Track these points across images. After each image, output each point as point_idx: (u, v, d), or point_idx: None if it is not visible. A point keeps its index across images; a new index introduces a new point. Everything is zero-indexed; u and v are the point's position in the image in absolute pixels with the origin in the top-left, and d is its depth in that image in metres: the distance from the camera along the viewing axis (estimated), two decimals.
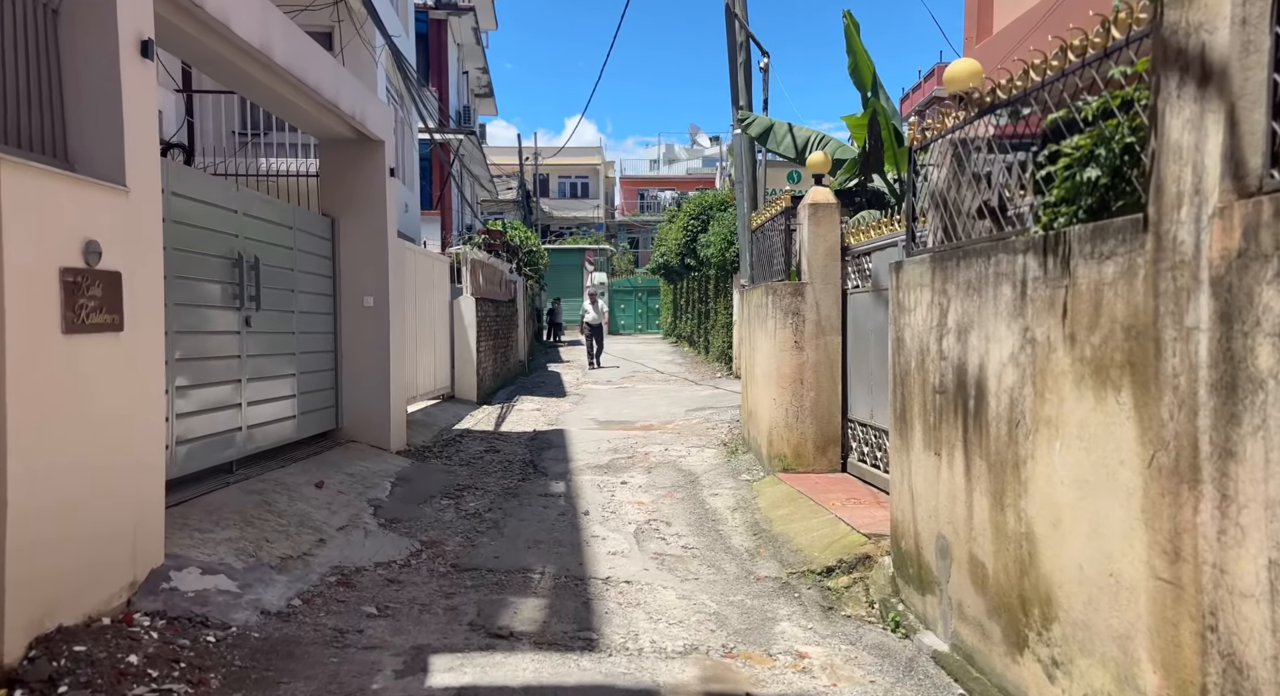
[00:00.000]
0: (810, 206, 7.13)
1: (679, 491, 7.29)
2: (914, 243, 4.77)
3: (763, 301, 7.77)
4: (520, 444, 9.60)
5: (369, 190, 8.22)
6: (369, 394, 8.26)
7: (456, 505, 6.78)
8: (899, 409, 4.62)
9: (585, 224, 45.80)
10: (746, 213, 9.09)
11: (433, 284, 11.81)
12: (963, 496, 3.85)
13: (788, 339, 7.20)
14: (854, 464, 6.99)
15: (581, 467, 8.31)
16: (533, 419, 11.57)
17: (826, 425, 7.16)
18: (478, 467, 8.21)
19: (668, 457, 8.66)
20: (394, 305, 8.46)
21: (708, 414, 11.26)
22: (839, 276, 7.16)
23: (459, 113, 22.82)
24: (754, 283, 9.06)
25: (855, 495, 6.27)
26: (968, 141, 4.41)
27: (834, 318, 7.15)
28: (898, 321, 4.65)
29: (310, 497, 6.04)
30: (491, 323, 14.46)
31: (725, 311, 16.57)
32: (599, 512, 6.64)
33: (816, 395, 7.15)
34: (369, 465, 7.47)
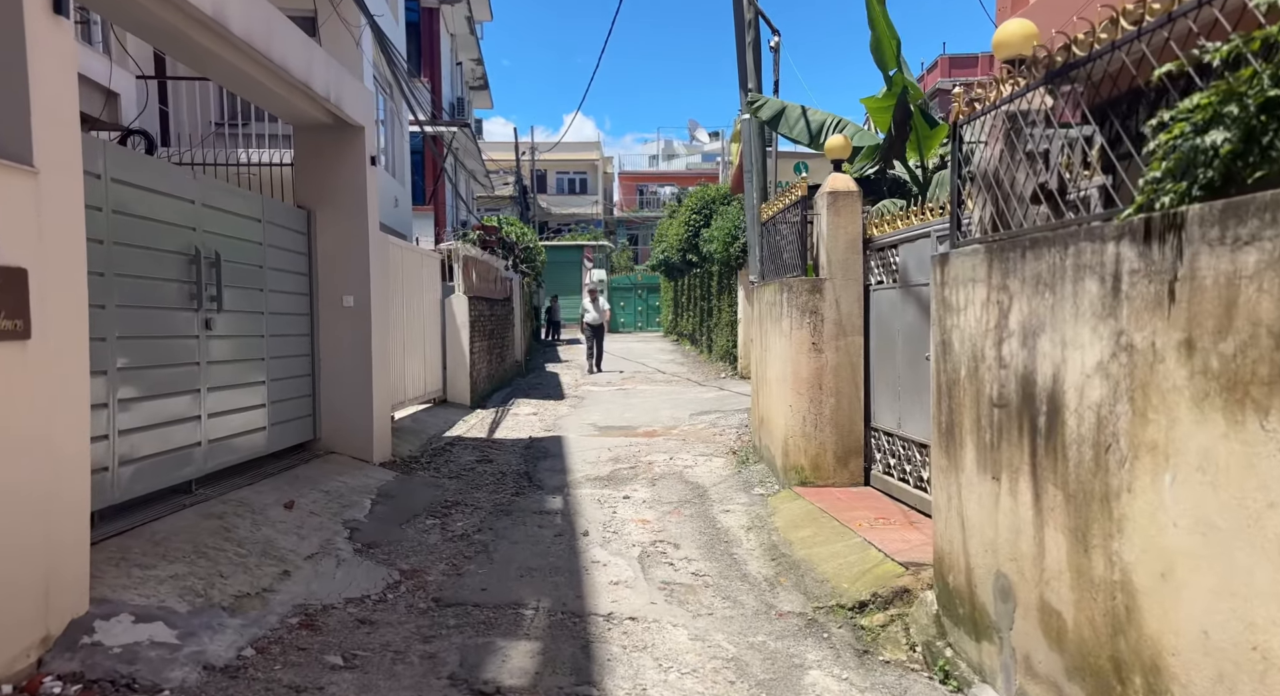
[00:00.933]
0: (829, 195, 6.51)
1: (686, 507, 6.68)
2: (960, 232, 4.15)
3: (776, 299, 7.16)
4: (515, 453, 8.99)
5: (348, 180, 7.60)
6: (349, 401, 7.65)
7: (443, 525, 6.16)
8: (944, 423, 4.01)
9: (584, 220, 45.15)
10: (756, 204, 8.48)
11: (422, 282, 11.19)
12: (1030, 530, 3.24)
13: (805, 340, 6.59)
14: (878, 477, 6.38)
15: (580, 479, 7.70)
16: (529, 424, 10.95)
17: (848, 434, 6.55)
18: (468, 480, 7.60)
19: (673, 468, 8.05)
20: (377, 305, 7.84)
21: (713, 418, 10.65)
22: (860, 271, 6.54)
23: (452, 105, 22.18)
24: (764, 279, 8.44)
25: (883, 513, 5.66)
26: (1024, 114, 3.80)
27: (855, 316, 6.54)
28: (942, 322, 4.04)
29: (277, 520, 5.43)
30: (486, 322, 13.85)
31: (729, 309, 15.95)
32: (600, 533, 6.03)
33: (836, 401, 6.54)
34: (348, 480, 6.86)
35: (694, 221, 18.56)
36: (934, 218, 5.39)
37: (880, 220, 6.35)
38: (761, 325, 7.93)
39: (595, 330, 18.15)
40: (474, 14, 23.35)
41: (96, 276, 4.43)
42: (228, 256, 5.90)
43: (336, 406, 7.64)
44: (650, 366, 18.81)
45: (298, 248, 7.29)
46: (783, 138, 8.00)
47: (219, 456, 5.82)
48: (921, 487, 5.63)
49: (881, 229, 6.29)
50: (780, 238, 7.73)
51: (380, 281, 8.02)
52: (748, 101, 8.21)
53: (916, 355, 5.64)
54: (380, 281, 8.02)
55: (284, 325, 6.98)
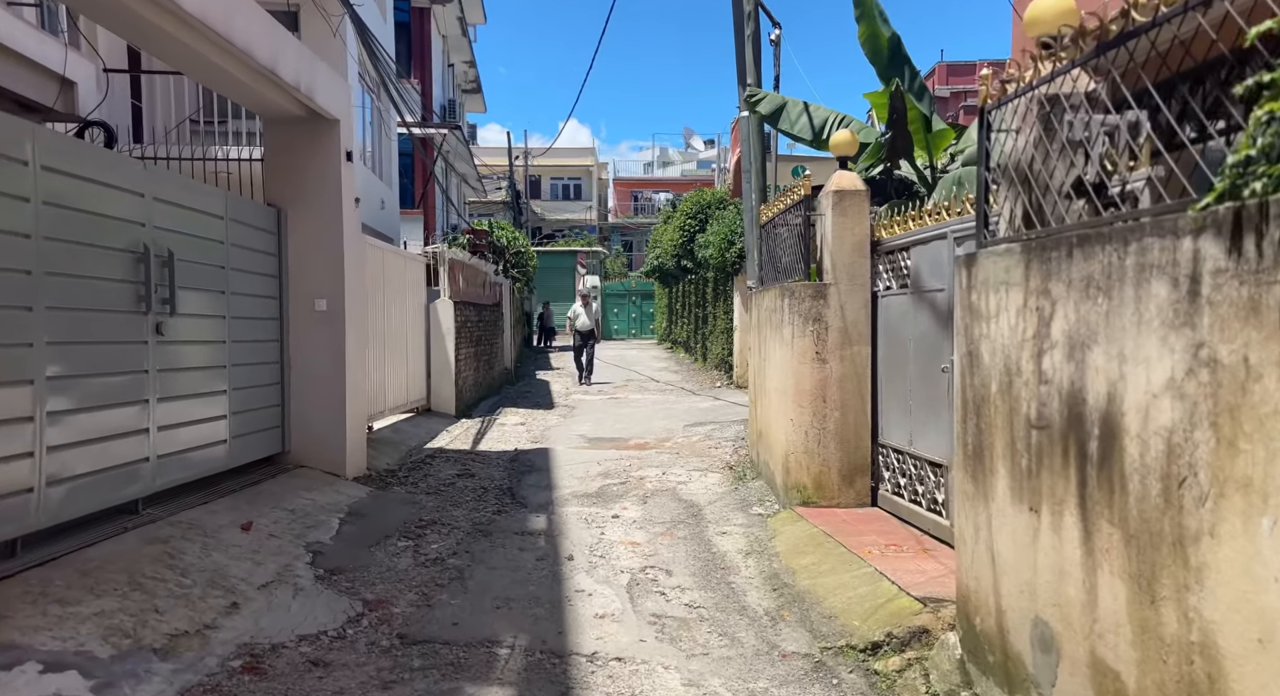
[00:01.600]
0: (835, 194, 6.08)
1: (680, 528, 6.22)
2: (986, 230, 3.71)
3: (777, 305, 6.72)
4: (499, 466, 8.51)
5: (322, 177, 7.15)
6: (321, 411, 7.17)
7: (416, 547, 5.69)
8: (971, 445, 3.56)
9: (578, 226, 44.74)
10: (754, 205, 8.05)
11: (405, 286, 10.73)
12: (1079, 574, 2.79)
13: (807, 349, 6.15)
14: (886, 498, 5.93)
15: (567, 496, 7.23)
16: (515, 435, 10.48)
17: (853, 451, 6.10)
18: (447, 497, 7.12)
19: (665, 484, 7.59)
20: (353, 309, 7.38)
21: (709, 429, 10.20)
22: (868, 276, 6.11)
23: (443, 107, 21.76)
24: (763, 284, 8.01)
25: (894, 539, 5.21)
26: (1063, 97, 3.37)
27: (862, 324, 6.10)
28: (969, 331, 3.59)
29: (231, 544, 4.95)
30: (473, 328, 13.38)
31: (725, 316, 15.51)
32: (586, 557, 5.56)
33: (842, 415, 6.09)
34: (316, 497, 6.38)
35: (689, 226, 18.13)
36: (951, 217, 4.96)
37: (889, 221, 5.92)
38: (760, 333, 7.49)
39: (585, 337, 16.63)
40: (466, 15, 22.95)
41: (21, 275, 3.96)
42: (183, 255, 5.43)
43: (307, 417, 7.17)
44: (643, 374, 18.35)
45: (266, 248, 6.83)
46: (783, 135, 7.58)
47: (170, 473, 5.34)
48: (936, 511, 5.19)
49: (891, 231, 5.86)
50: (780, 241, 7.30)
51: (356, 284, 7.56)
52: (746, 97, 7.79)
53: (931, 366, 5.20)
54: (356, 284, 7.56)
55: (250, 330, 6.51)
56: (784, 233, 7.20)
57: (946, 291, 4.99)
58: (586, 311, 16.60)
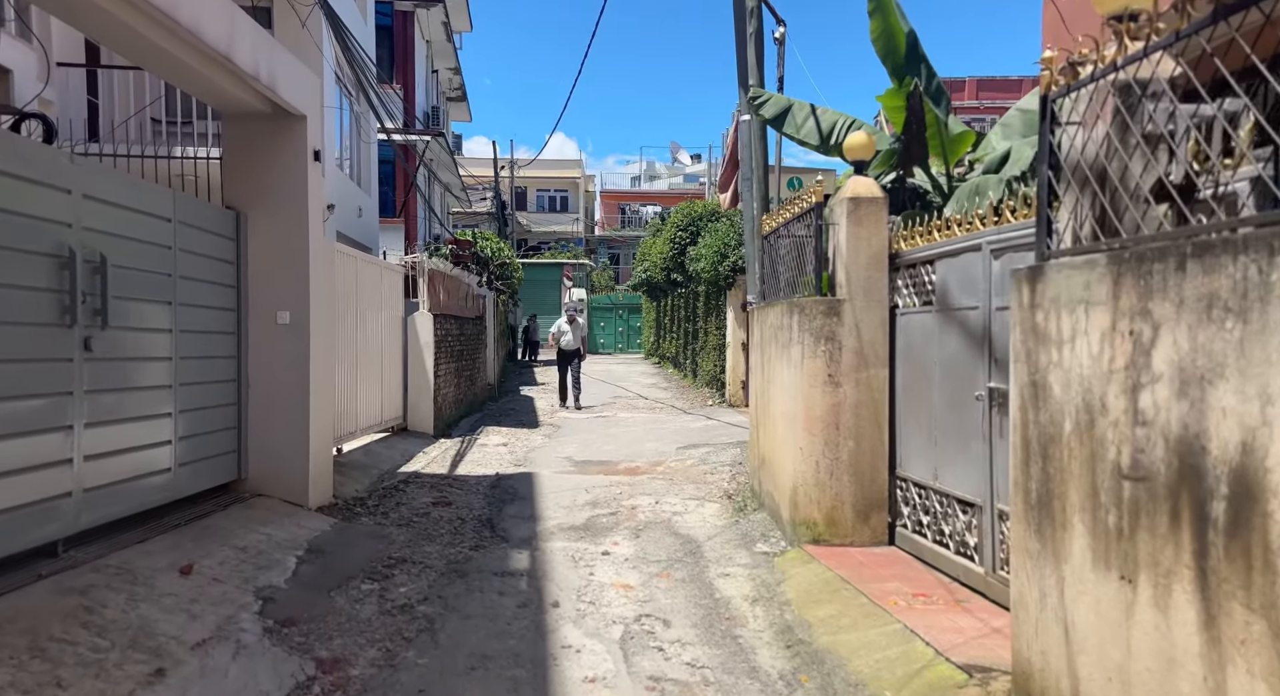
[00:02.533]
0: (849, 202, 5.54)
1: (677, 568, 5.61)
2: (1049, 238, 3.17)
3: (784, 323, 6.16)
4: (478, 493, 7.88)
5: (286, 178, 6.54)
6: (283, 434, 6.54)
7: (382, 591, 5.06)
8: (1036, 492, 3.00)
9: (564, 238, 44.20)
10: (755, 215, 7.52)
11: (382, 298, 10.11)
12: (1198, 666, 2.23)
13: (819, 371, 5.58)
14: (906, 537, 5.36)
15: (552, 529, 6.61)
16: (497, 457, 9.85)
17: (869, 484, 5.53)
18: (419, 529, 6.49)
19: (659, 515, 6.99)
20: (319, 321, 6.76)
21: (703, 453, 9.61)
22: (885, 292, 5.56)
23: (427, 114, 21.19)
24: (765, 299, 7.45)
25: (920, 586, 4.63)
26: (1140, 84, 2.85)
27: (879, 344, 5.55)
28: (1032, 358, 3.04)
29: (166, 592, 4.31)
30: (454, 342, 12.76)
31: (717, 332, 14.96)
32: (573, 603, 4.95)
33: (856, 445, 5.53)
34: (272, 531, 5.73)
35: (680, 239, 17.60)
36: (987, 226, 4.42)
37: (909, 232, 5.38)
38: (764, 352, 6.93)
39: (569, 357, 14.80)
40: (452, 22, 22.43)
41: None
42: (120, 261, 4.80)
43: (267, 440, 6.53)
44: (631, 391, 17.76)
45: (222, 255, 6.20)
46: (789, 140, 7.07)
47: (100, 508, 4.69)
48: (966, 555, 4.62)
49: (912, 242, 5.32)
50: (785, 253, 6.75)
51: (324, 295, 6.94)
52: (749, 99, 7.27)
53: (962, 393, 4.65)
54: (324, 295, 6.94)
55: (201, 345, 5.88)
56: (789, 245, 6.66)
57: (981, 309, 4.45)
58: (573, 329, 14.79)
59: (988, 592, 4.33)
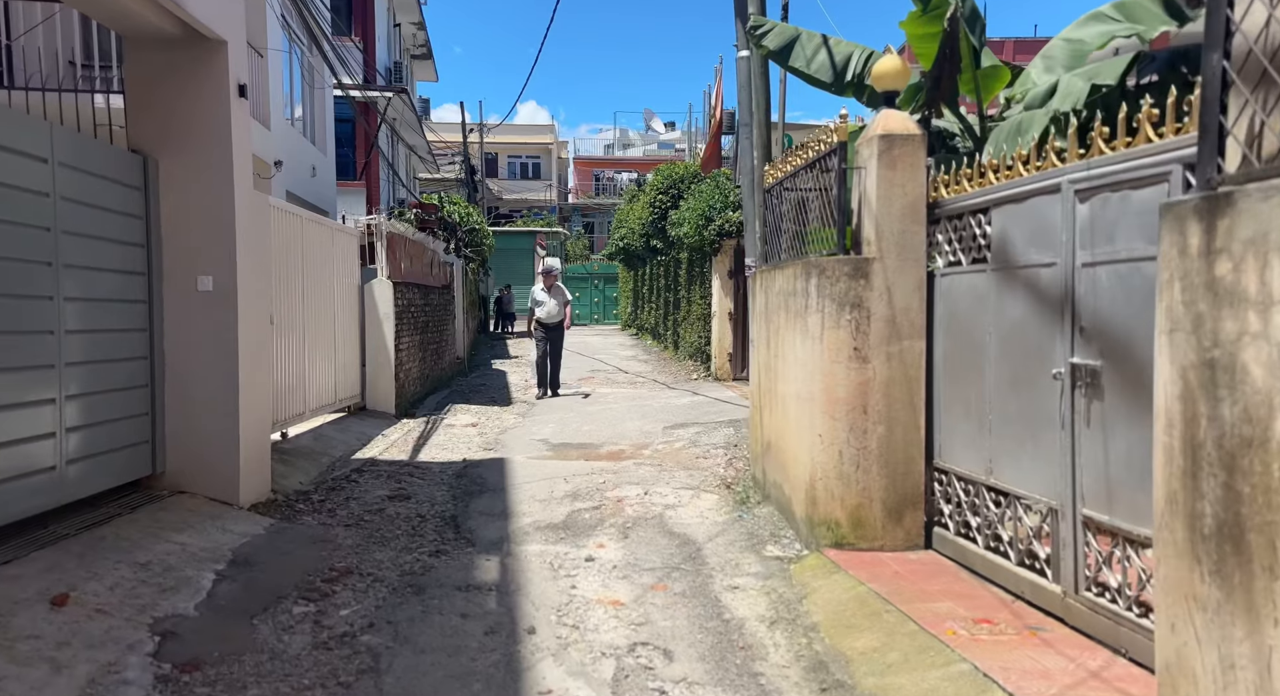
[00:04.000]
0: (880, 141, 4.62)
1: (676, 577, 4.74)
2: (1219, 159, 2.27)
3: (797, 287, 5.25)
4: (442, 484, 6.95)
5: (204, 117, 5.49)
6: (208, 420, 5.56)
7: (318, 616, 4.13)
8: (1214, 517, 2.12)
9: (536, 207, 42.90)
10: (756, 166, 6.59)
11: (333, 263, 9.06)
12: None
13: (843, 344, 4.70)
14: (947, 539, 4.52)
15: (527, 528, 5.71)
16: (465, 440, 8.91)
17: (902, 478, 4.68)
18: (371, 530, 5.56)
19: (650, 509, 6.11)
20: (251, 288, 5.76)
21: (693, 433, 8.74)
22: (923, 249, 4.67)
23: (389, 70, 19.88)
24: (768, 261, 6.54)
25: (977, 606, 3.79)
26: None
27: (914, 311, 4.67)
28: (1205, 326, 2.15)
29: (27, 633, 3.35)
30: (417, 313, 11.74)
31: (701, 301, 14.05)
32: (552, 628, 4.07)
33: (888, 431, 4.66)
34: (189, 539, 4.78)
35: (660, 202, 16.59)
36: (1071, 161, 3.52)
37: (952, 175, 4.48)
38: (768, 322, 6.03)
39: (550, 332, 12.09)
40: None
41: None
42: None
43: (189, 428, 5.55)
44: (610, 364, 16.83)
45: (125, 207, 5.17)
46: (795, 76, 6.13)
47: None
48: (1034, 568, 3.78)
49: (957, 188, 4.42)
50: (793, 208, 5.83)
51: (256, 257, 5.93)
52: (748, 29, 6.29)
53: (1029, 370, 3.78)
54: (256, 257, 5.93)
55: (100, 316, 4.87)
56: (797, 199, 5.74)
57: (1060, 266, 3.56)
58: (552, 296, 12.11)
59: (1067, 617, 3.50)
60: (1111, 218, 3.28)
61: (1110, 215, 3.28)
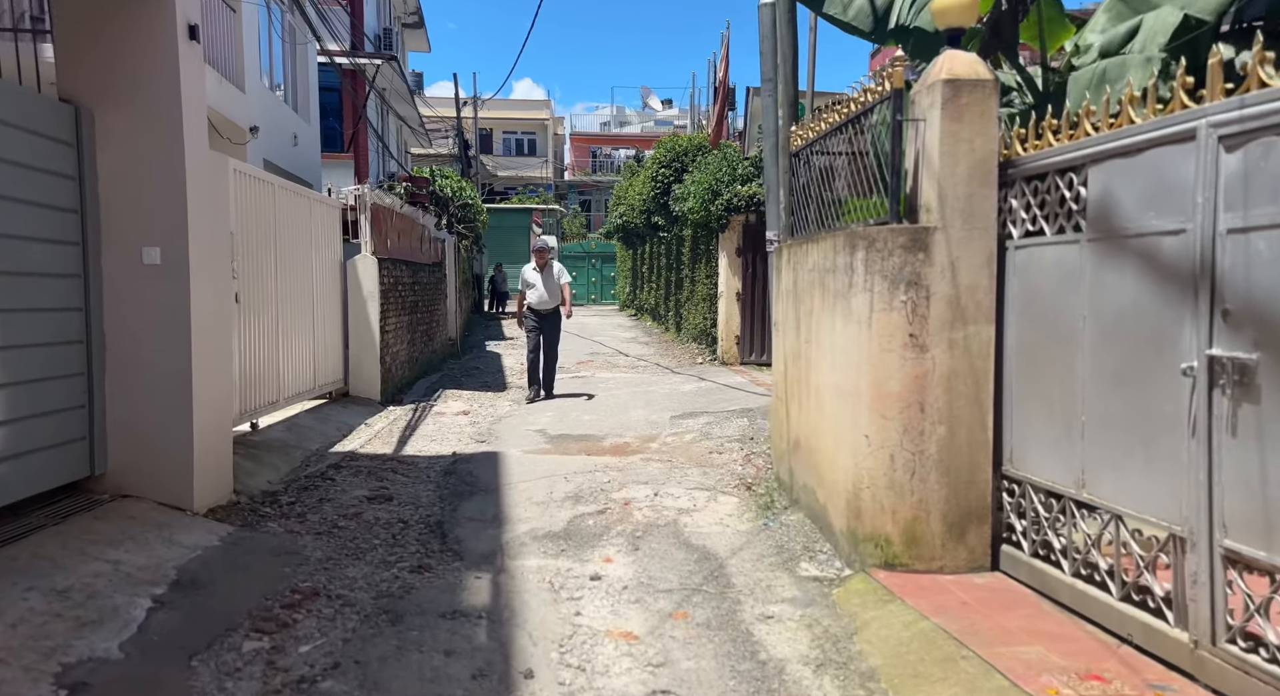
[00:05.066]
0: (945, 87, 3.88)
1: (697, 602, 4.05)
2: None
3: (837, 262, 4.52)
4: (429, 482, 6.24)
5: (147, 62, 4.72)
6: (156, 413, 4.84)
7: (272, 655, 3.43)
8: None
9: (532, 184, 41.94)
10: (780, 126, 5.85)
11: (313, 237, 8.30)
12: None
13: (896, 329, 3.98)
14: (1019, 560, 3.83)
15: (523, 537, 5.01)
16: (455, 431, 8.20)
17: (966, 486, 3.98)
18: (345, 540, 4.85)
19: (662, 513, 5.41)
20: (207, 261, 5.02)
21: (704, 424, 8.03)
22: (993, 216, 3.95)
23: (378, 37, 18.97)
24: (794, 234, 5.81)
25: (1076, 653, 3.10)
26: None
27: (983, 291, 3.95)
28: None
29: None
30: (405, 292, 10.99)
31: (707, 281, 13.31)
32: (553, 670, 3.38)
33: (949, 433, 3.96)
34: (125, 555, 4.07)
35: (663, 176, 15.78)
36: (1212, 100, 2.79)
37: (1031, 129, 3.75)
38: (797, 302, 5.31)
39: (543, 321, 9.80)
40: None
41: None
42: None
43: (134, 422, 4.83)
44: (609, 347, 16.11)
45: (54, 166, 4.42)
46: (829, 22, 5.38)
47: None
48: (1147, 607, 3.09)
49: (1037, 143, 3.69)
50: (827, 172, 5.09)
51: (213, 227, 5.18)
52: None
53: (1139, 361, 3.08)
54: (213, 227, 5.18)
55: (22, 293, 4.14)
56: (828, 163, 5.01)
57: (1193, 233, 2.85)
58: (544, 278, 9.70)
59: (1199, 674, 2.81)
60: (1276, 170, 2.56)
61: (1275, 167, 2.56)
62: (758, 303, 12.23)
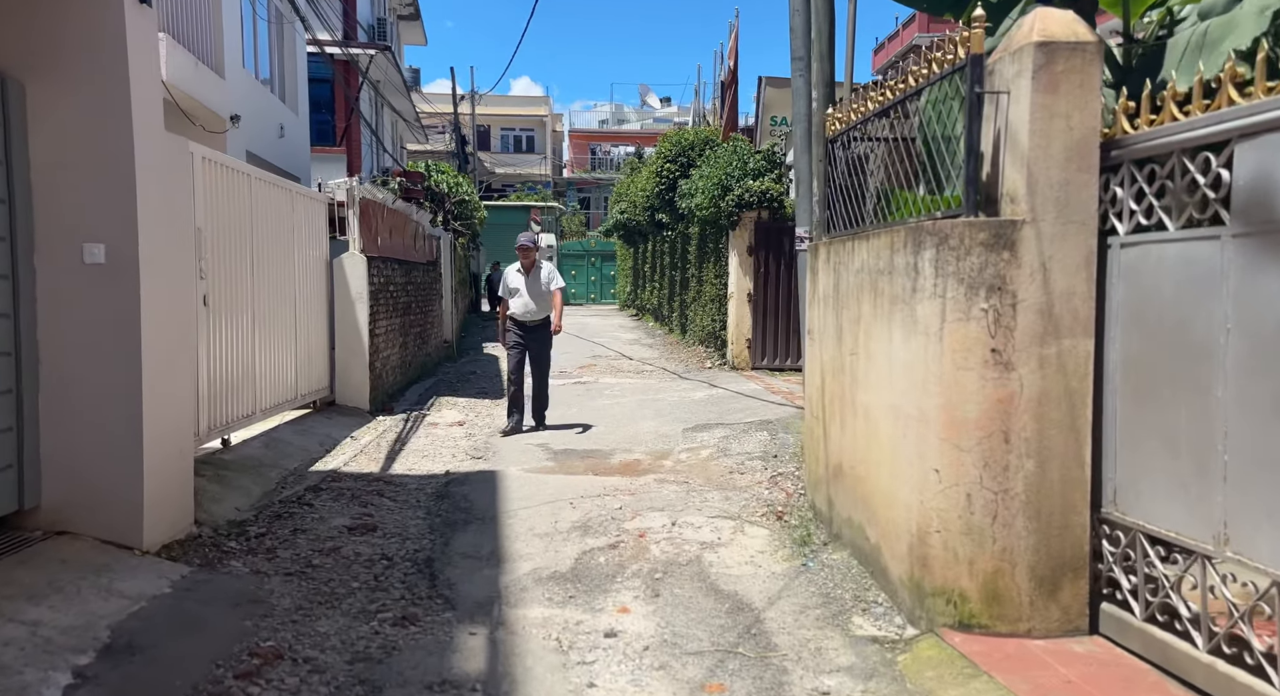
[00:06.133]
0: (1037, 51, 3.22)
1: (734, 671, 3.37)
2: None
3: (895, 263, 3.85)
4: (418, 507, 5.58)
5: (87, 27, 4.05)
6: (101, 435, 4.17)
7: None
8: None
9: (530, 181, 41.25)
10: (816, 108, 5.19)
11: (294, 233, 7.63)
12: None
13: (974, 343, 3.32)
14: (1125, 622, 3.17)
15: (525, 581, 4.34)
16: (449, 445, 7.53)
17: (1059, 532, 3.32)
18: (318, 583, 4.18)
19: (682, 548, 4.75)
20: (161, 259, 4.35)
21: (720, 437, 7.36)
22: (1093, 206, 3.29)
23: (372, 27, 18.28)
24: (830, 230, 5.15)
25: None
26: None
27: (1081, 297, 3.29)
28: None
29: None
30: (398, 293, 10.32)
31: (716, 281, 12.64)
32: None
33: (1039, 467, 3.30)
34: (48, 613, 3.39)
35: (668, 172, 15.09)
36: None
37: (1144, 101, 3.09)
38: (842, 308, 4.64)
39: (528, 335, 7.87)
40: None
41: None
42: None
43: (74, 447, 4.16)
44: (612, 349, 15.43)
45: None
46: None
47: None
48: None
49: (1160, 116, 3.03)
50: (875, 160, 4.43)
51: (170, 220, 4.51)
52: None
53: (1263, 380, 2.41)
54: (170, 220, 4.51)
55: None
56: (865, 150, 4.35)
57: None
58: (530, 283, 7.77)
59: None
60: None
61: None
62: (771, 305, 11.57)
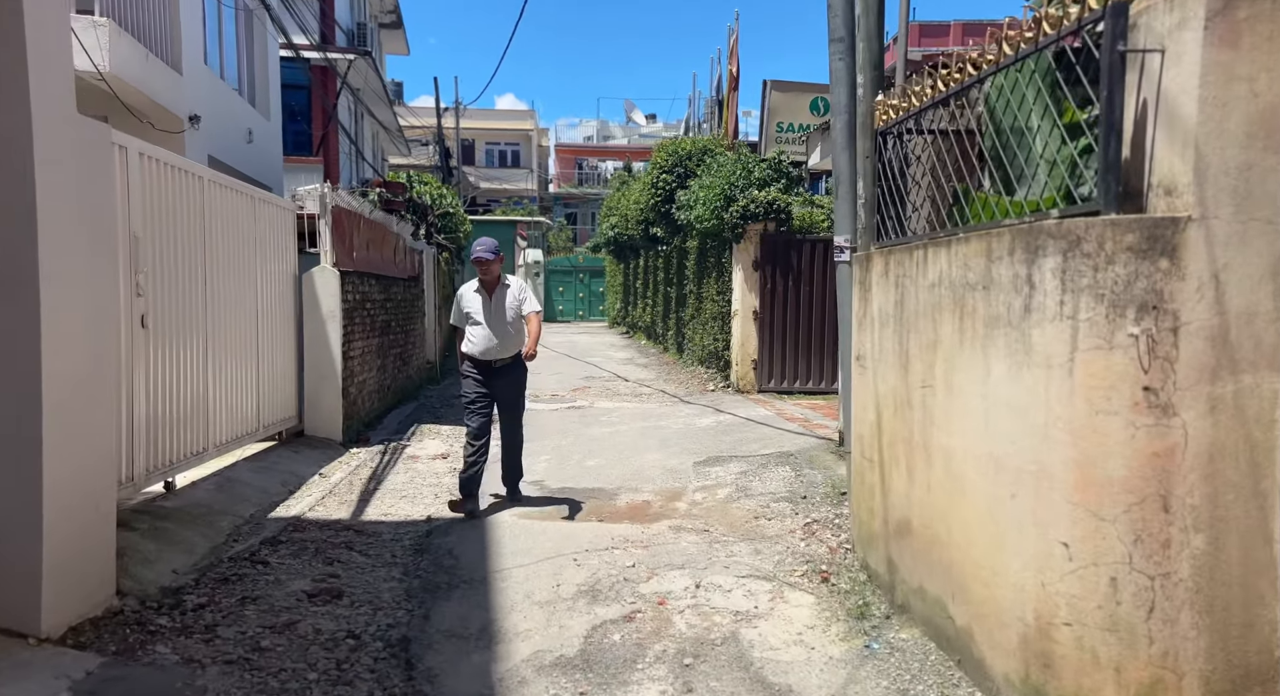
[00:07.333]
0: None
1: None
2: None
3: (995, 275, 3.06)
4: (394, 566, 4.71)
5: None
6: None
7: None
8: None
9: (516, 196, 40.46)
10: (863, 96, 4.42)
11: (256, 244, 6.78)
12: None
13: (1118, 378, 2.53)
14: None
15: (523, 669, 3.49)
16: (432, 482, 6.66)
17: (1242, 631, 2.52)
18: (265, 675, 3.31)
19: (712, 621, 3.91)
20: (72, 272, 3.51)
21: (736, 473, 6.54)
22: None
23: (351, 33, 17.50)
24: (881, 238, 4.37)
25: None
26: None
27: (1266, 318, 2.52)
28: None
29: None
30: (376, 310, 9.47)
31: (719, 297, 11.86)
32: None
33: (1211, 543, 2.51)
34: None
35: (664, 183, 14.33)
36: None
37: None
38: (909, 331, 3.85)
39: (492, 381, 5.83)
40: None
41: None
42: None
43: None
44: (606, 370, 14.60)
45: None
46: None
47: None
48: None
49: None
50: (947, 153, 3.67)
51: (86, 222, 3.67)
52: None
53: None
54: (86, 222, 3.67)
55: None
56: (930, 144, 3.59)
57: None
58: (491, 307, 5.73)
59: None
60: None
61: None
62: (779, 322, 10.81)
